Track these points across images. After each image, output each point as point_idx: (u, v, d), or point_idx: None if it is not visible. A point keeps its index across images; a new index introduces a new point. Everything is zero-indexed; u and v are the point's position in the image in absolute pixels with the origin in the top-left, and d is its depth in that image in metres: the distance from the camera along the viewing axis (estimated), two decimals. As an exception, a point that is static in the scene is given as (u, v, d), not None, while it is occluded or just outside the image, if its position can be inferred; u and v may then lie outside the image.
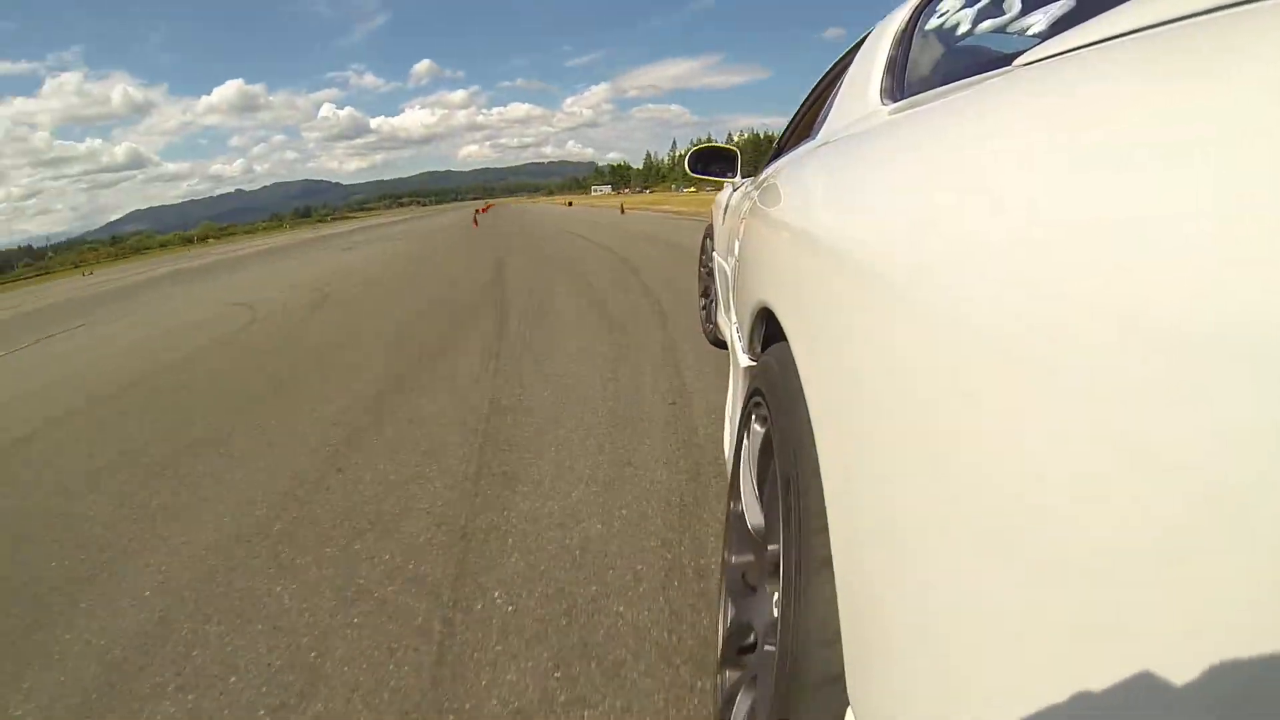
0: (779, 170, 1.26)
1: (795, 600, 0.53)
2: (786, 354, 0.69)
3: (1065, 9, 0.71)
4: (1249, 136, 0.22)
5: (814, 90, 1.95)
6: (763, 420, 0.85)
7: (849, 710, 0.43)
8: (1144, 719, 0.22)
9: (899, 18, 1.11)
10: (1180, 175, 0.24)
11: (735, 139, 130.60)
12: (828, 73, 1.80)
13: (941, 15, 1.00)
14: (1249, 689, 0.19)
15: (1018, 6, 0.83)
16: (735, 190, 2.26)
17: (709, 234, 3.18)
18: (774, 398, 0.74)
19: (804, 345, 0.63)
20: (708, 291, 3.13)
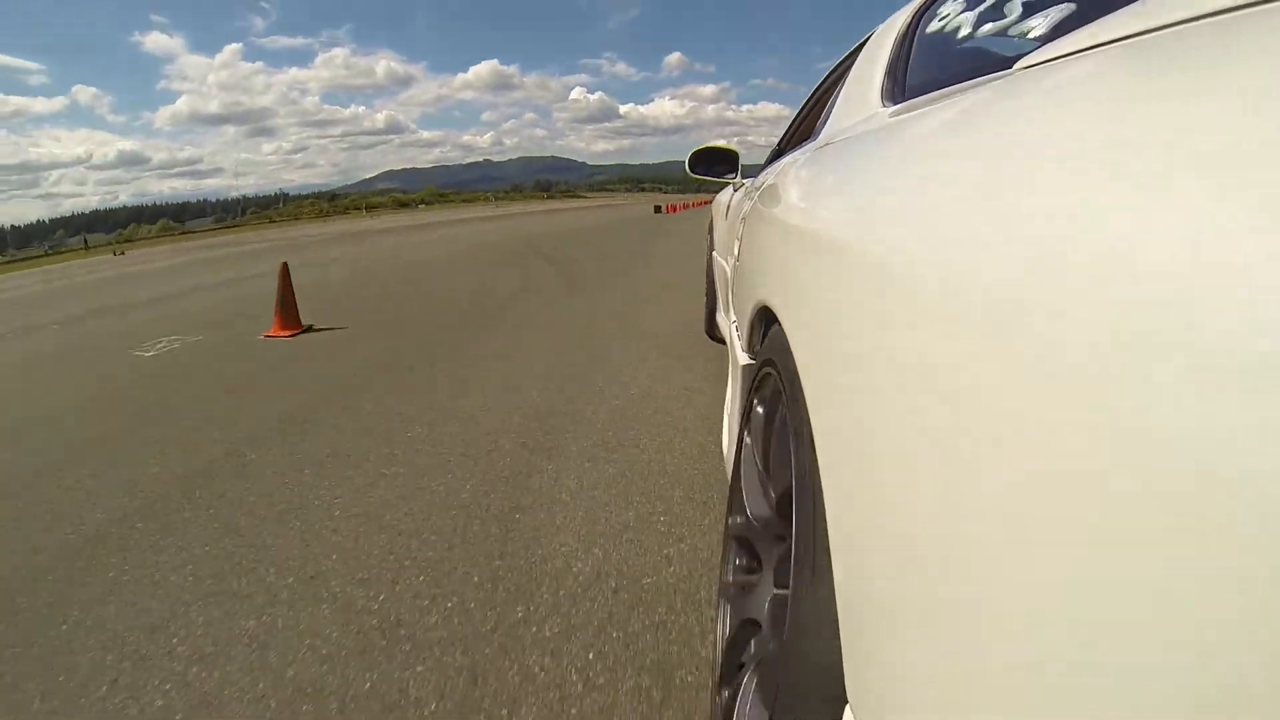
0: (780, 171, 1.26)
1: (794, 598, 0.54)
2: (787, 345, 0.70)
3: (1066, 12, 0.71)
4: (1250, 140, 0.22)
5: (815, 92, 1.95)
6: (768, 406, 0.85)
7: (847, 709, 0.43)
8: (1144, 719, 0.22)
9: (900, 20, 1.11)
10: (1181, 178, 0.24)
11: None
12: (829, 74, 1.80)
13: (942, 18, 1.01)
14: (1252, 688, 0.19)
15: (1019, 10, 0.83)
16: (736, 191, 2.26)
17: (712, 229, 3.18)
18: (777, 388, 0.74)
19: (804, 344, 0.63)
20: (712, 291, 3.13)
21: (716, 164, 2.53)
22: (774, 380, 0.76)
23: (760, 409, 0.91)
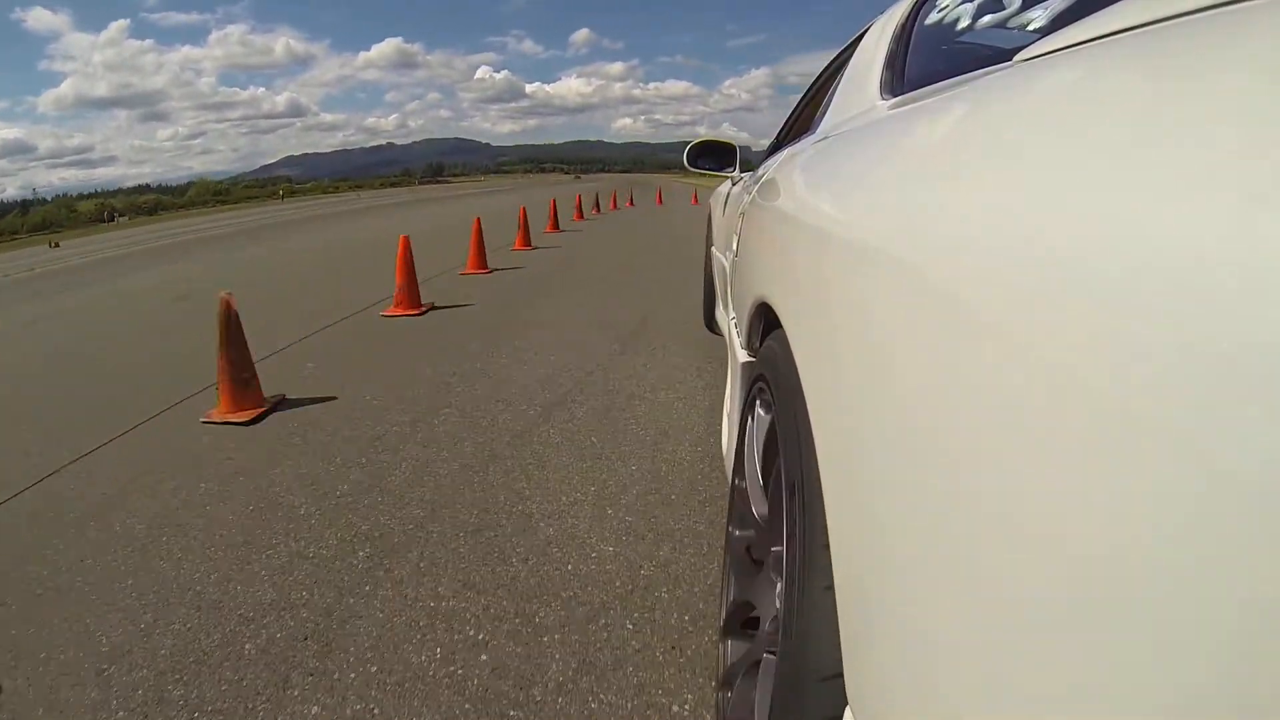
0: (778, 165, 1.26)
1: (795, 599, 0.54)
2: (787, 343, 0.69)
3: (1065, 5, 0.71)
4: (1249, 132, 0.22)
5: (813, 85, 1.94)
6: (767, 406, 0.85)
7: (847, 709, 0.43)
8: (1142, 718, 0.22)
9: (899, 13, 1.10)
10: (1180, 171, 0.24)
11: None
12: (827, 67, 1.79)
13: (941, 10, 1.00)
14: (1248, 689, 0.19)
15: (1018, 2, 0.83)
16: (734, 185, 2.25)
17: (710, 227, 3.18)
18: (777, 385, 0.74)
19: (803, 340, 0.63)
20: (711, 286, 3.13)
21: (714, 157, 2.52)
22: (773, 378, 0.76)
23: (760, 407, 0.91)
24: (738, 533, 0.94)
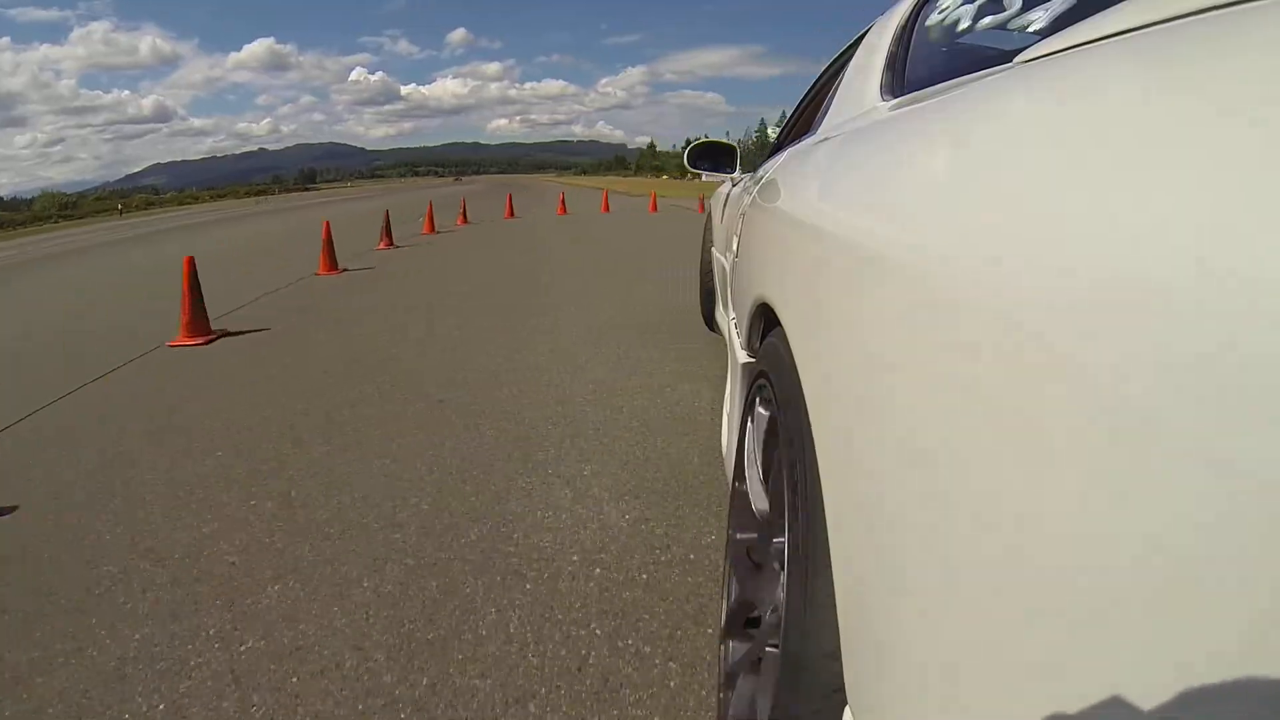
0: (778, 166, 1.26)
1: (795, 600, 0.53)
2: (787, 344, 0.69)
3: (1066, 6, 0.71)
4: (1249, 133, 0.22)
5: (814, 85, 1.94)
6: (767, 405, 0.85)
7: (847, 709, 0.43)
8: (1143, 716, 0.22)
9: (899, 13, 1.10)
10: (1181, 171, 0.24)
11: (771, 132, 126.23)
12: (828, 68, 1.79)
13: (942, 11, 1.00)
14: (1249, 690, 0.19)
15: (1018, 3, 0.83)
16: (734, 186, 2.25)
17: (708, 227, 3.18)
18: (777, 385, 0.74)
19: (803, 341, 0.63)
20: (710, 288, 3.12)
21: (715, 158, 2.52)
22: (774, 378, 0.75)
23: (760, 407, 0.91)
24: (739, 535, 0.94)
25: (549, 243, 7.83)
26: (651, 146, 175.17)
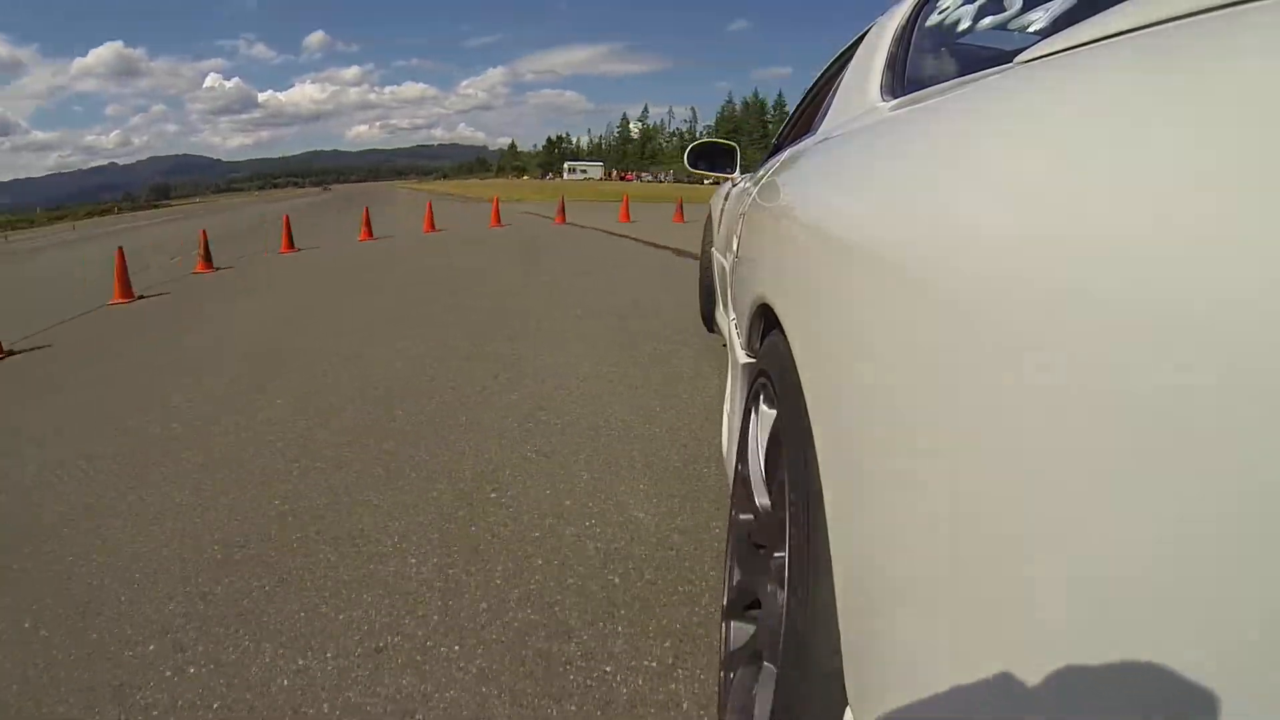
0: (778, 166, 1.26)
1: (795, 597, 0.53)
2: (786, 346, 0.69)
3: (1066, 6, 0.71)
4: (1249, 134, 0.22)
5: (814, 85, 1.94)
6: (769, 405, 0.85)
7: (847, 709, 0.43)
8: (1143, 715, 0.22)
9: (900, 14, 1.10)
10: (1182, 171, 0.24)
11: (634, 128, 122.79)
12: (827, 69, 1.79)
13: (942, 12, 1.00)
14: (1247, 689, 0.19)
15: (1018, 4, 0.83)
16: (734, 186, 2.25)
17: (708, 226, 3.18)
18: (777, 385, 0.74)
19: (803, 341, 0.63)
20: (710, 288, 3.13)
21: (715, 159, 2.52)
22: (774, 378, 0.75)
23: (761, 407, 0.91)
24: (741, 517, 0.94)
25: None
26: (513, 147, 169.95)
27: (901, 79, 0.94)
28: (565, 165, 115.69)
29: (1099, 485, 0.24)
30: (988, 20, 0.88)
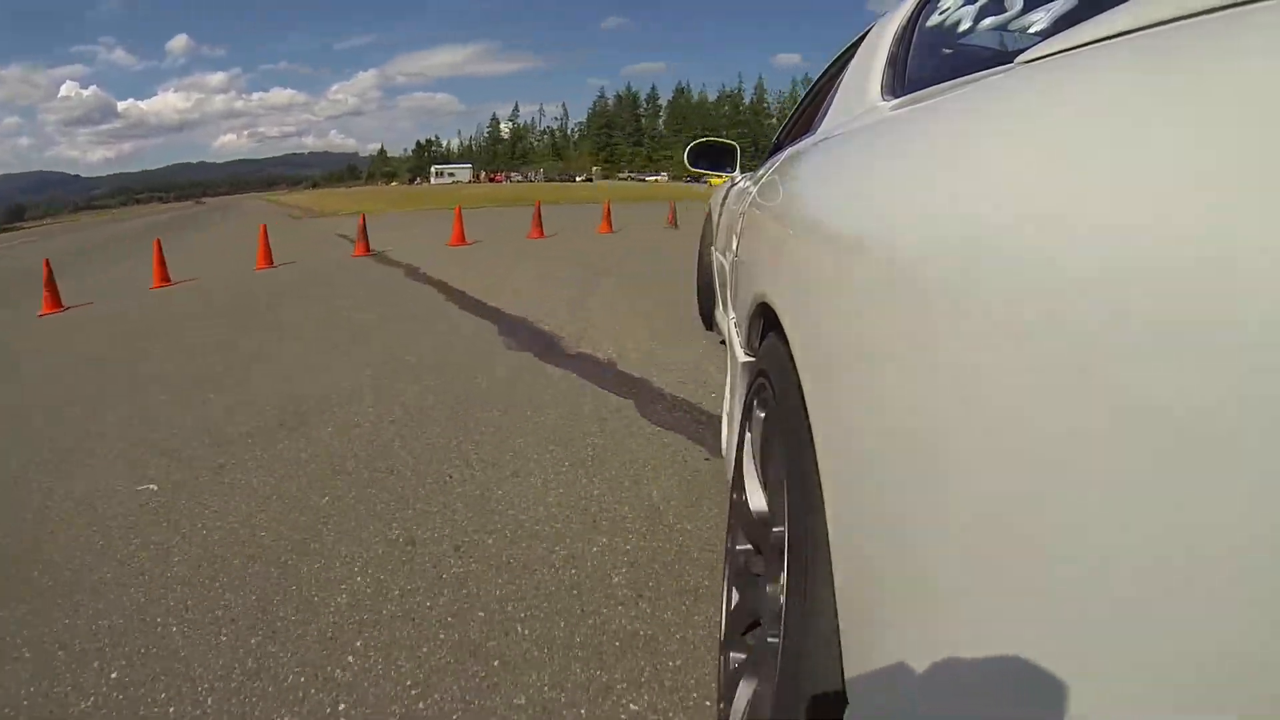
0: (779, 166, 1.26)
1: (795, 598, 0.54)
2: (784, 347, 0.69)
3: (1067, 7, 0.71)
4: (1250, 134, 0.22)
5: (814, 85, 1.94)
6: (767, 404, 0.85)
7: (847, 710, 0.43)
8: (1143, 718, 0.22)
9: (900, 14, 1.10)
10: (1182, 171, 0.24)
11: (505, 128, 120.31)
12: (828, 69, 1.79)
13: (943, 12, 1.00)
14: (1250, 688, 0.19)
15: (1019, 4, 0.83)
16: (734, 186, 2.25)
17: (708, 223, 3.18)
18: (777, 384, 0.74)
19: (803, 341, 0.63)
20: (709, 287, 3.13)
21: (715, 158, 2.52)
22: (774, 377, 0.75)
23: (760, 407, 0.91)
24: (737, 546, 0.94)
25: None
26: (382, 153, 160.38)
27: (902, 79, 0.94)
28: (432, 169, 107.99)
29: (1100, 485, 0.24)
30: (988, 20, 0.88)
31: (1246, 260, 0.20)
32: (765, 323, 0.98)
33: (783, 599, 0.57)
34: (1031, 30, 0.76)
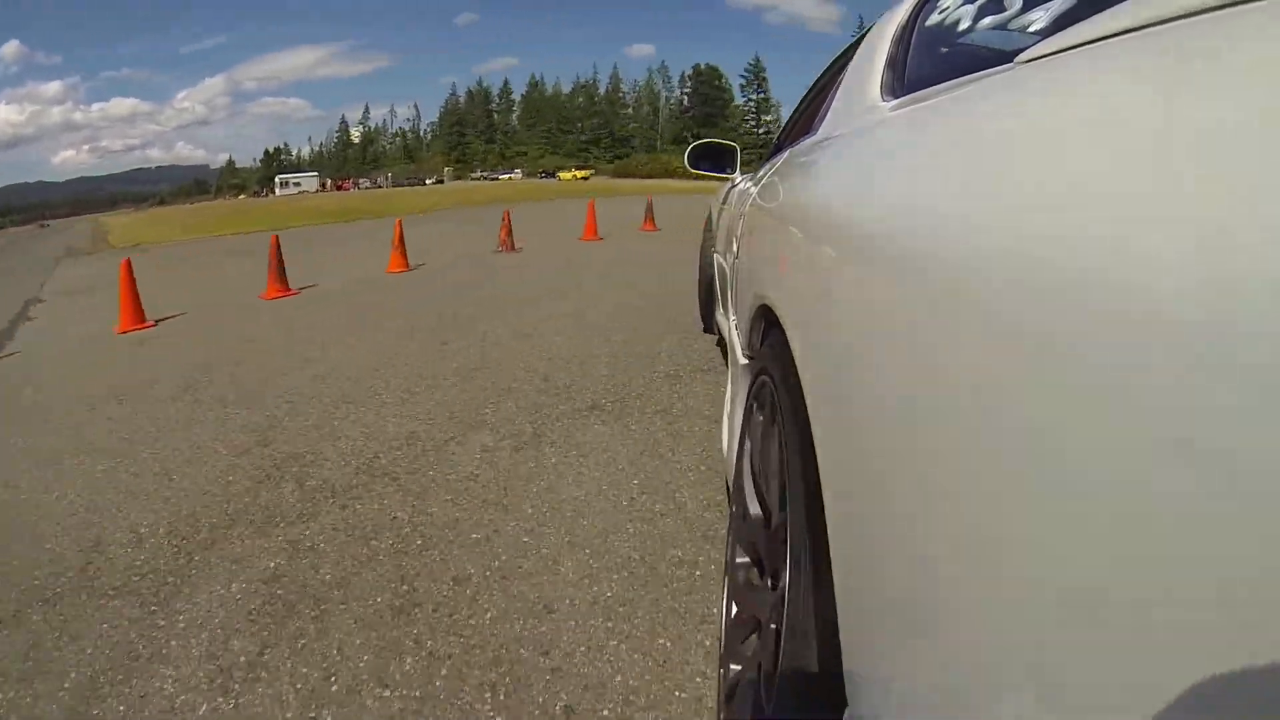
0: (779, 167, 1.26)
1: (794, 598, 0.53)
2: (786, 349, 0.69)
3: (1066, 6, 0.70)
4: (1249, 133, 0.22)
5: (814, 86, 1.95)
6: (768, 406, 0.85)
7: (847, 710, 0.43)
8: (1142, 718, 0.22)
9: (900, 14, 1.10)
10: (1182, 171, 0.24)
11: (354, 134, 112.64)
12: (828, 69, 1.79)
13: (942, 12, 1.00)
14: (1246, 690, 0.19)
15: (1018, 4, 0.83)
16: (734, 187, 2.25)
17: (708, 225, 3.19)
18: (778, 386, 0.74)
19: (804, 342, 0.63)
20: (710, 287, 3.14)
21: (715, 159, 2.52)
22: (775, 379, 0.75)
23: (760, 408, 0.91)
24: (738, 560, 0.94)
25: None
26: (230, 164, 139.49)
27: (901, 79, 0.94)
28: (276, 180, 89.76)
29: (1102, 487, 0.24)
30: (988, 20, 0.88)
31: (1248, 260, 0.20)
32: (766, 324, 0.98)
33: (783, 599, 0.57)
34: (1030, 30, 0.76)
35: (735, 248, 1.50)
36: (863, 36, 1.29)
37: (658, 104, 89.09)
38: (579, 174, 65.37)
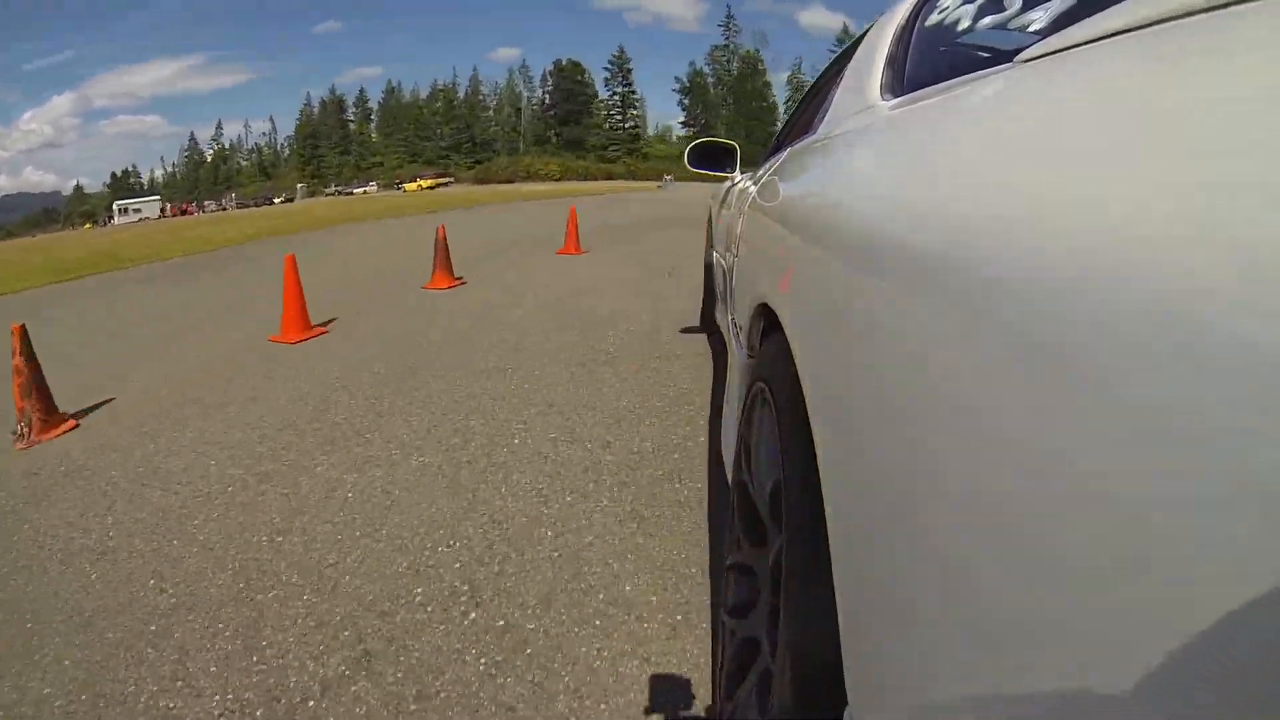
0: (778, 166, 1.26)
1: (795, 598, 0.53)
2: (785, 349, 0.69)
3: (1066, 6, 0.70)
4: (1249, 131, 0.22)
5: (814, 85, 1.94)
6: (768, 406, 0.85)
7: (847, 710, 0.43)
8: (1142, 718, 0.22)
9: (900, 14, 1.10)
10: (1182, 171, 0.24)
11: (210, 154, 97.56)
12: (827, 69, 1.79)
13: (942, 11, 1.00)
14: (1246, 691, 0.19)
15: (1018, 4, 0.83)
16: (734, 186, 2.25)
17: (709, 226, 3.19)
18: (778, 386, 0.74)
19: (803, 343, 0.63)
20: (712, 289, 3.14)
21: (715, 158, 2.52)
22: (775, 379, 0.75)
23: (760, 408, 0.91)
24: (737, 559, 0.94)
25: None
26: (78, 190, 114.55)
27: (901, 78, 0.94)
28: (115, 206, 70.88)
29: (1103, 489, 0.24)
30: (988, 20, 0.87)
31: (1248, 260, 0.20)
32: (766, 324, 0.98)
33: (783, 599, 0.57)
34: (1030, 29, 0.76)
35: (735, 247, 1.50)
36: (863, 36, 1.29)
37: (520, 105, 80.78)
38: (424, 184, 54.56)
